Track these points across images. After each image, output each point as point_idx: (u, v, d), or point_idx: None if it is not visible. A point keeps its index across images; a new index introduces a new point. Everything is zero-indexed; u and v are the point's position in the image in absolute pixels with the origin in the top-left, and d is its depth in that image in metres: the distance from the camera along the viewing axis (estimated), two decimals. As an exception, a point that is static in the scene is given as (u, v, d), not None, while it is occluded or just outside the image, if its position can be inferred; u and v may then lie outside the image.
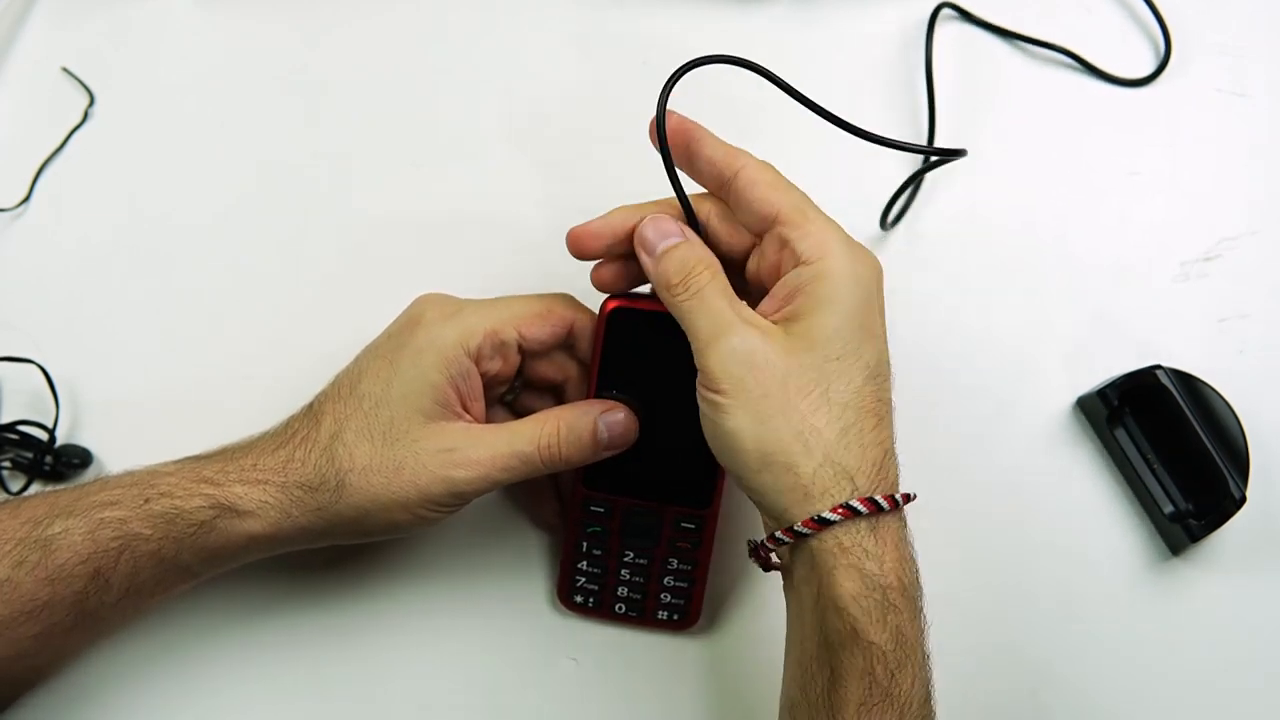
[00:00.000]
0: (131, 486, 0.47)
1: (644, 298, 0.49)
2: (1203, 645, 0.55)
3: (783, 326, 0.43)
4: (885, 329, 0.44)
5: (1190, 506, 0.55)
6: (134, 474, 0.48)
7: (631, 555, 0.52)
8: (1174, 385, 0.55)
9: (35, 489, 0.56)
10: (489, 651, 0.55)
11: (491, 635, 0.55)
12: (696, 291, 0.44)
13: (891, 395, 0.44)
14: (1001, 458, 0.57)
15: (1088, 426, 0.58)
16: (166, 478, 0.47)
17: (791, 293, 0.43)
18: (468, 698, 0.54)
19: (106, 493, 0.47)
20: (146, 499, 0.46)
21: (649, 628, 0.55)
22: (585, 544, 0.53)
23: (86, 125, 0.62)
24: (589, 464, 0.49)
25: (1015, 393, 0.58)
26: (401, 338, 0.49)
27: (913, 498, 0.43)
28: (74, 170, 0.61)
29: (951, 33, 0.63)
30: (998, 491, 0.57)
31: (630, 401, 0.49)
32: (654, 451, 0.50)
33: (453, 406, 0.48)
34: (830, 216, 0.44)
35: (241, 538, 0.47)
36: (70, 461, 0.56)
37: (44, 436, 0.56)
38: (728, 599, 0.56)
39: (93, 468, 0.56)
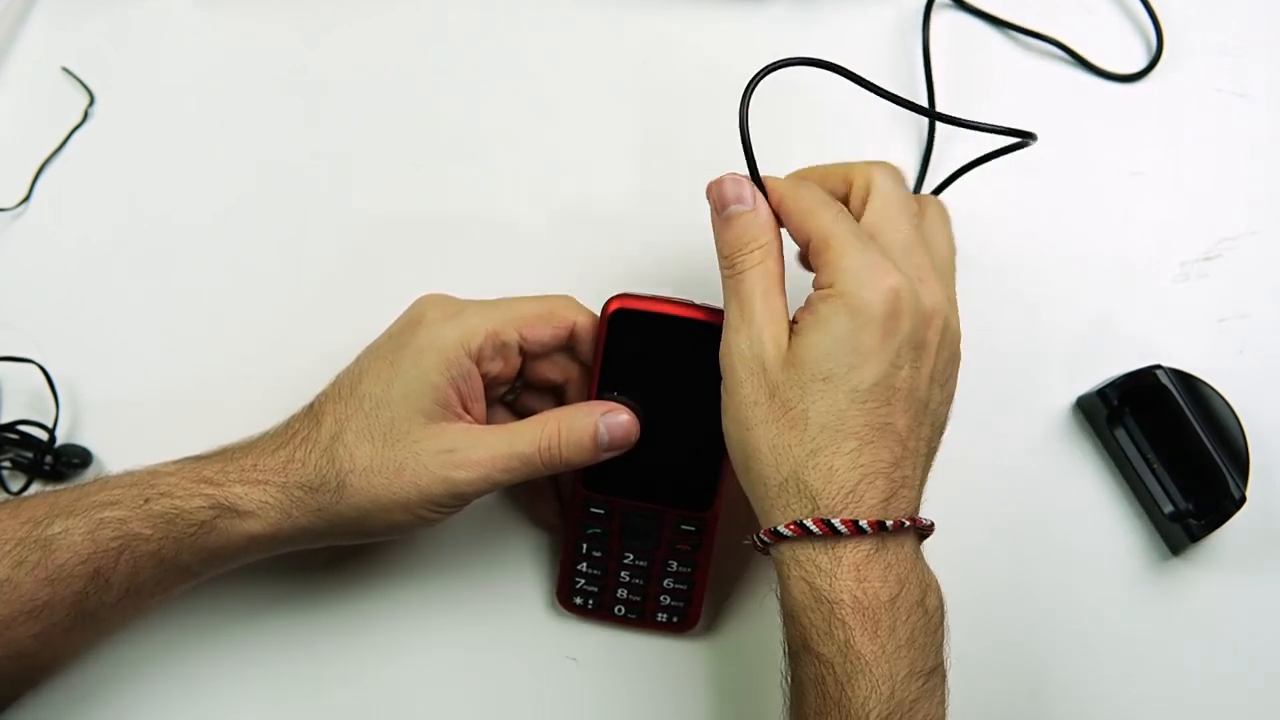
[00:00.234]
0: (131, 486, 0.47)
1: (647, 299, 0.49)
2: (1203, 645, 0.55)
3: (792, 338, 0.44)
4: (902, 355, 0.43)
5: (1190, 506, 0.55)
6: (134, 474, 0.48)
7: (631, 557, 0.52)
8: (1174, 385, 0.55)
9: (35, 489, 0.56)
10: (488, 651, 0.55)
11: (491, 635, 0.55)
12: (741, 272, 0.45)
13: (904, 420, 0.43)
14: (1001, 458, 0.57)
15: (1088, 426, 0.58)
16: (166, 478, 0.47)
17: (808, 305, 0.44)
18: (467, 698, 0.54)
19: (106, 493, 0.47)
20: (146, 499, 0.46)
21: (648, 630, 0.55)
22: (585, 545, 0.53)
23: (86, 125, 0.62)
24: (589, 465, 0.49)
25: (1015, 393, 0.58)
26: (402, 338, 0.48)
27: (891, 525, 0.42)
28: (74, 170, 0.61)
29: (948, 26, 0.63)
30: (997, 491, 0.57)
31: (631, 403, 0.49)
32: (655, 453, 0.49)
33: (453, 407, 0.48)
34: (863, 237, 0.44)
35: (241, 538, 0.47)
36: (70, 461, 0.56)
37: (44, 436, 0.56)
38: (727, 602, 0.55)
39: (93, 468, 0.57)
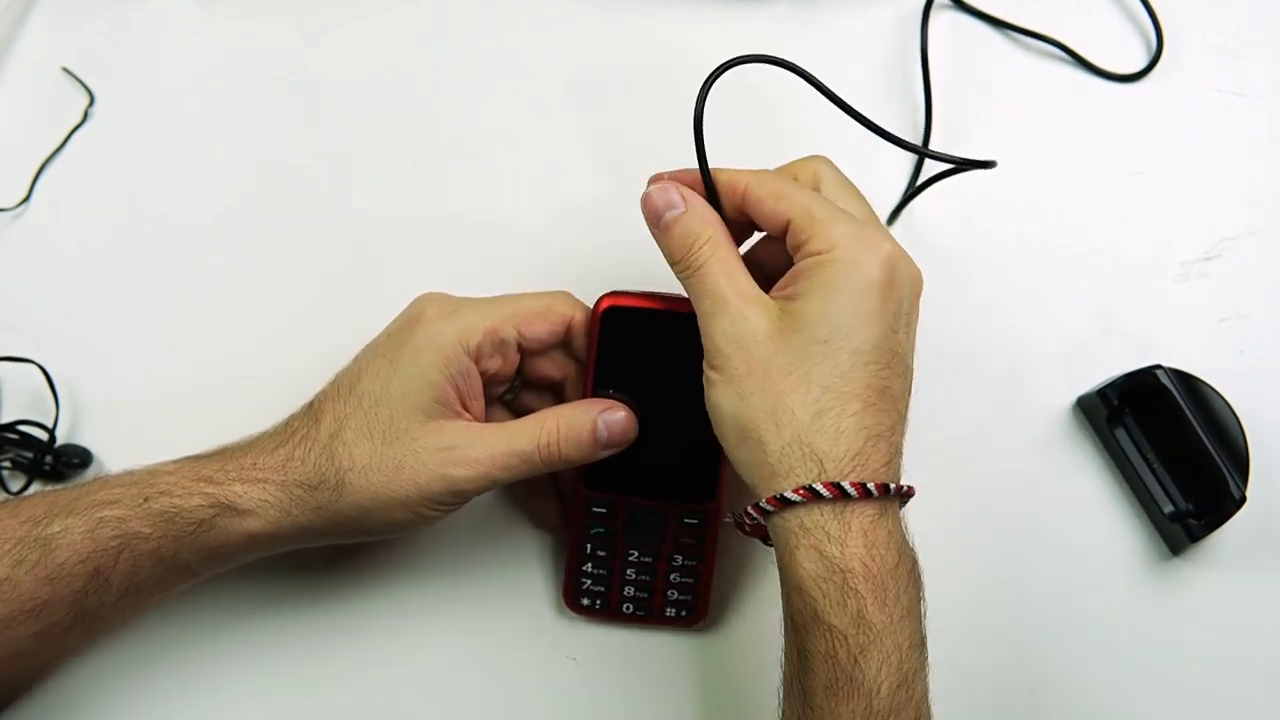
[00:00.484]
0: (131, 485, 0.47)
1: (637, 295, 0.49)
2: (1203, 645, 0.55)
3: (780, 305, 0.43)
4: (898, 319, 0.43)
5: (1190, 506, 0.55)
6: (133, 473, 0.48)
7: (636, 554, 0.52)
8: (1174, 385, 0.55)
9: (35, 488, 0.56)
10: (489, 651, 0.55)
11: (491, 635, 0.55)
12: (698, 268, 0.44)
13: (898, 383, 0.43)
14: (1001, 458, 0.57)
15: (1088, 426, 0.58)
16: (166, 477, 0.47)
17: (794, 276, 0.44)
18: (468, 697, 0.54)
19: (106, 492, 0.47)
20: (146, 498, 0.46)
21: (657, 626, 0.55)
22: (589, 545, 0.53)
23: (86, 125, 0.62)
24: (589, 464, 0.49)
25: (1015, 393, 0.58)
26: (401, 336, 0.49)
27: (894, 489, 0.42)
28: (74, 170, 0.61)
29: (948, 26, 0.63)
30: (997, 491, 0.57)
31: (628, 399, 0.49)
32: (654, 449, 0.50)
33: (452, 405, 0.48)
34: (843, 210, 0.44)
35: (241, 536, 0.47)
36: (70, 461, 0.56)
37: (44, 436, 0.56)
38: (735, 593, 0.56)
39: (93, 467, 0.57)
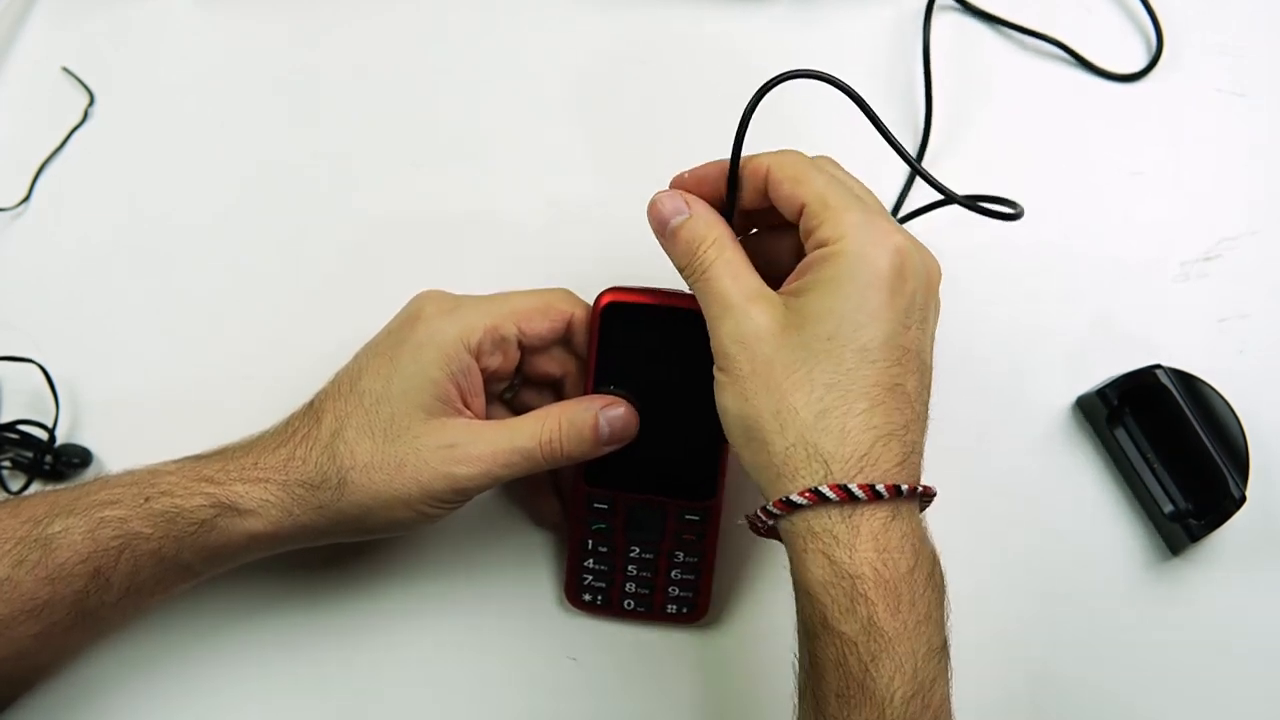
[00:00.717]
0: (132, 485, 0.47)
1: (637, 291, 0.49)
2: (1203, 645, 0.55)
3: (786, 301, 0.43)
4: (910, 314, 0.42)
5: (1190, 506, 0.55)
6: (134, 473, 0.48)
7: (637, 550, 0.52)
8: (1174, 385, 0.55)
9: (35, 488, 0.56)
10: (490, 649, 0.55)
11: (493, 632, 0.55)
12: (703, 272, 0.44)
13: (913, 380, 0.42)
14: (1001, 458, 0.57)
15: (1088, 426, 0.58)
16: (167, 476, 0.47)
17: (803, 268, 0.43)
18: (469, 696, 0.54)
19: (107, 492, 0.47)
20: (147, 498, 0.46)
21: (658, 622, 0.55)
22: (590, 542, 0.53)
23: (86, 125, 0.62)
24: (590, 460, 0.49)
25: (1015, 393, 0.58)
26: (401, 334, 0.49)
27: (907, 490, 0.41)
28: (74, 170, 0.61)
29: (949, 26, 0.63)
30: (997, 491, 0.57)
31: (628, 395, 0.49)
32: (655, 445, 0.50)
33: (453, 402, 0.48)
34: (859, 199, 0.44)
35: (242, 536, 0.47)
36: (70, 461, 0.56)
37: (44, 436, 0.56)
38: (736, 590, 0.56)
39: (93, 467, 0.57)
